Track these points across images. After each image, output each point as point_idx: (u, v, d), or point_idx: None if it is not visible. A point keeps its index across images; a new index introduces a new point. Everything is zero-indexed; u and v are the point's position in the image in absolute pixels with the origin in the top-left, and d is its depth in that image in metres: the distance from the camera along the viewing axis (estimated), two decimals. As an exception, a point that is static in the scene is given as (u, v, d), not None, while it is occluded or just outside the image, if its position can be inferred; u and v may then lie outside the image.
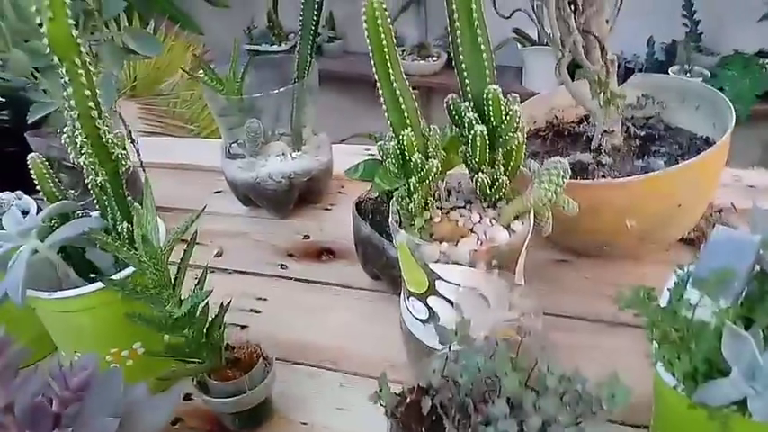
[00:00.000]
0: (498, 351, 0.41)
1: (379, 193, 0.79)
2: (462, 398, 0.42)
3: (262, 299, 0.81)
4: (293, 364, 0.70)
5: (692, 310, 0.42)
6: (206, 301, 0.57)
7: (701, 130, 0.79)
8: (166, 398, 0.47)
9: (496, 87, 0.54)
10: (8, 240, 0.58)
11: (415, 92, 0.55)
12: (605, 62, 0.75)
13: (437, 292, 0.57)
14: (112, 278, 0.57)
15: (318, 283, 0.84)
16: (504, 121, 0.54)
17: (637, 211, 0.70)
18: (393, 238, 0.59)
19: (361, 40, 0.50)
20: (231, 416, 0.62)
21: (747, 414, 0.39)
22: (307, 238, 0.93)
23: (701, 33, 2.31)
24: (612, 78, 0.77)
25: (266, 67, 1.00)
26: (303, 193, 0.96)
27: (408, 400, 0.44)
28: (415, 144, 0.53)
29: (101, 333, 0.61)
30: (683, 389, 0.42)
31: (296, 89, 0.91)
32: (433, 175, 0.54)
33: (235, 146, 0.97)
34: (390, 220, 0.58)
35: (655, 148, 0.79)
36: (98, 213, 0.63)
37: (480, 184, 0.56)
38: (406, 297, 0.61)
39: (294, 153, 0.94)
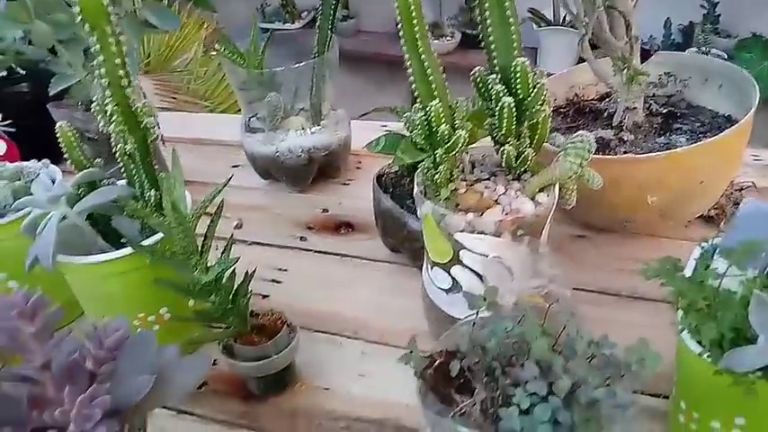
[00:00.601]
0: (527, 316, 0.42)
1: (399, 166, 0.80)
2: (490, 362, 0.43)
3: (282, 269, 0.82)
4: (314, 332, 0.72)
5: (719, 280, 0.43)
6: (233, 268, 0.58)
7: (723, 108, 0.79)
8: (198, 360, 0.48)
9: (524, 59, 0.54)
10: (38, 206, 0.59)
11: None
12: (630, 39, 0.75)
13: (461, 261, 0.57)
14: (143, 244, 0.58)
15: (338, 255, 0.84)
16: (531, 94, 0.54)
17: (659, 187, 0.70)
18: (417, 209, 0.60)
19: (374, 19, 0.50)
20: (256, 380, 0.63)
21: (772, 380, 0.40)
22: (325, 211, 0.94)
23: (718, 15, 2.29)
24: (636, 55, 0.77)
25: (284, 43, 1.00)
26: (322, 168, 0.97)
27: (437, 362, 0.45)
28: (442, 115, 0.54)
29: (129, 298, 0.62)
30: (708, 356, 0.42)
31: (316, 64, 0.91)
32: (460, 146, 0.54)
33: (254, 120, 0.97)
34: (415, 191, 0.59)
35: (677, 126, 0.79)
36: (124, 182, 0.64)
37: (506, 156, 0.56)
38: (429, 267, 0.62)
39: (313, 128, 0.95)
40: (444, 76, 0.56)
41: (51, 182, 0.62)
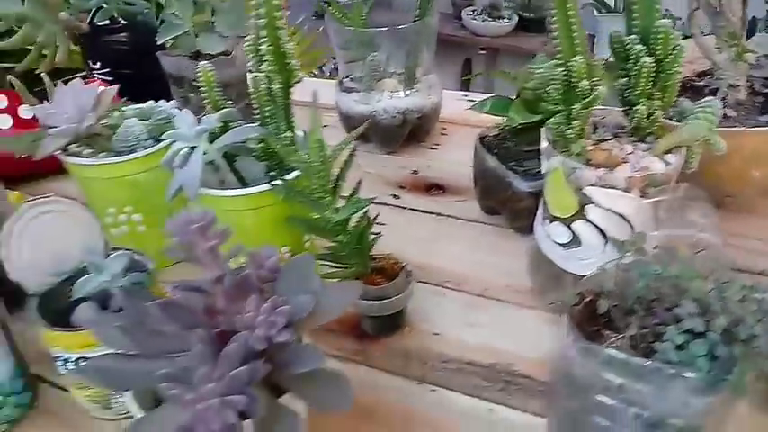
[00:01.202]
0: (681, 258, 0.44)
1: (500, 129, 0.82)
2: (638, 301, 0.45)
3: (380, 223, 0.85)
4: (418, 282, 0.74)
5: None
6: (365, 209, 0.61)
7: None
8: (349, 286, 0.51)
9: (667, 21, 0.55)
10: (184, 140, 0.62)
11: (483, 53, 0.57)
12: (744, 15, 0.76)
13: (584, 216, 0.60)
14: (285, 178, 0.61)
15: (432, 213, 0.87)
16: (670, 56, 0.56)
17: (764, 162, 0.71)
18: (543, 163, 0.62)
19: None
20: (371, 320, 0.66)
21: None
22: (415, 173, 0.96)
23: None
24: (744, 32, 0.78)
25: (381, 6, 1.02)
26: (412, 131, 0.99)
27: (586, 300, 0.47)
28: (584, 71, 0.56)
29: (258, 234, 0.65)
30: None
31: (417, 28, 0.94)
32: (598, 102, 0.56)
33: (347, 80, 1.00)
34: (543, 146, 0.61)
35: (778, 105, 0.80)
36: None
37: (639, 116, 0.58)
38: (546, 222, 0.64)
39: (406, 91, 0.97)
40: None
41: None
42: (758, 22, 2.35)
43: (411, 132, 0.99)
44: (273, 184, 0.62)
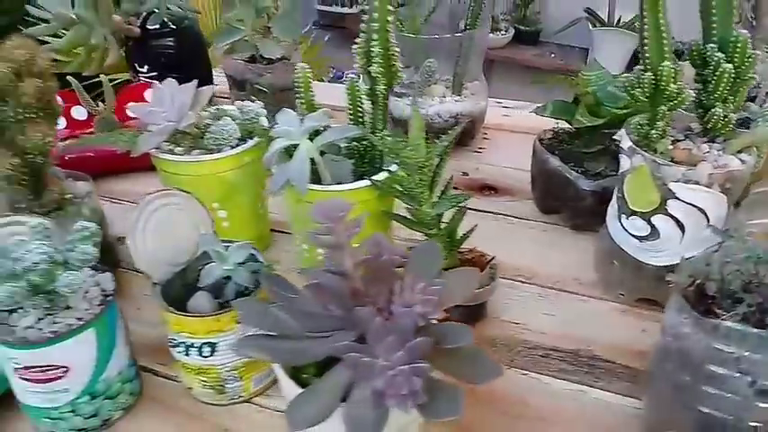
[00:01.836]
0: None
1: (555, 132, 0.87)
2: (743, 283, 0.50)
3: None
4: (491, 276, 0.78)
5: None
6: (460, 204, 0.65)
7: None
8: (468, 273, 0.55)
9: (745, 32, 0.61)
10: (290, 137, 0.65)
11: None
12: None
13: (665, 210, 0.64)
14: (391, 171, 0.65)
15: (490, 213, 0.91)
16: (746, 63, 0.62)
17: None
18: (624, 161, 0.67)
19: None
20: (459, 309, 0.70)
21: None
22: (465, 174, 1.00)
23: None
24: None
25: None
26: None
27: (696, 282, 0.52)
28: (672, 75, 0.61)
29: (354, 227, 0.68)
30: None
31: (470, 36, 0.98)
32: (685, 104, 0.61)
33: (397, 86, 1.04)
34: (626, 144, 0.66)
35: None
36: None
37: (716, 118, 0.63)
38: (623, 217, 0.69)
39: (455, 96, 1.02)
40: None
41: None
42: None
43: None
44: (374, 180, 0.65)
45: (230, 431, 0.61)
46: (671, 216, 0.65)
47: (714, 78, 0.62)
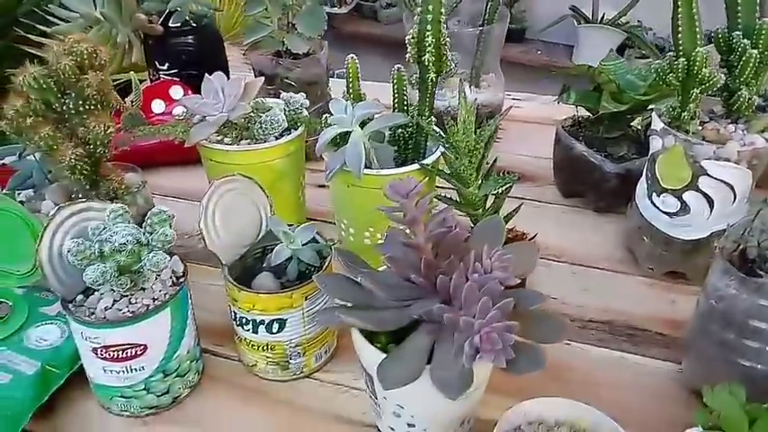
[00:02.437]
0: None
1: (573, 120, 0.92)
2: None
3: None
4: (524, 256, 0.82)
5: None
6: (507, 185, 0.69)
7: None
8: (527, 247, 0.59)
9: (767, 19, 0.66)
10: (343, 124, 0.68)
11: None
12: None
13: (696, 186, 0.69)
14: (445, 152, 0.68)
15: (515, 198, 0.95)
16: (768, 49, 0.67)
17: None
18: (656, 142, 0.71)
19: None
20: (502, 286, 0.74)
21: None
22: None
23: None
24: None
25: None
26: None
27: (738, 247, 0.56)
28: (705, 61, 0.65)
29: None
30: None
31: (488, 31, 1.02)
32: (716, 87, 0.66)
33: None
34: (659, 126, 0.70)
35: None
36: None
37: (742, 100, 0.68)
38: (654, 195, 0.73)
39: (473, 88, 1.05)
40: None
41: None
42: None
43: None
44: (423, 164, 0.69)
45: (294, 404, 0.64)
46: (701, 192, 0.69)
47: (740, 63, 0.67)
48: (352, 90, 0.72)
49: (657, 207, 0.73)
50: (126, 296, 0.58)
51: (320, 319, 0.59)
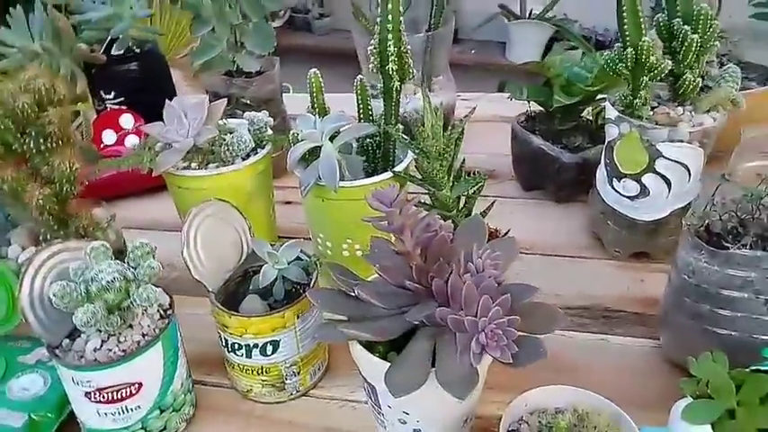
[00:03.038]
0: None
1: (527, 115, 0.95)
2: (744, 217, 0.59)
3: (438, 209, 0.95)
4: (497, 251, 0.85)
5: None
6: (479, 185, 0.71)
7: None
8: (509, 243, 0.61)
9: (706, 6, 0.70)
10: (313, 139, 0.69)
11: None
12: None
13: (654, 169, 0.73)
14: (399, 168, 0.69)
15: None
16: (708, 33, 0.71)
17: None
18: (611, 130, 0.75)
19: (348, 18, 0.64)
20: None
21: None
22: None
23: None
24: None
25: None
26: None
27: (704, 223, 0.59)
28: (651, 49, 0.69)
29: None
30: None
31: (436, 35, 1.04)
32: (664, 73, 0.69)
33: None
34: (613, 115, 0.74)
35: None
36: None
37: (687, 83, 0.72)
38: (615, 180, 0.77)
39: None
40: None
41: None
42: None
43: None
44: (395, 171, 0.70)
45: (294, 423, 0.64)
46: (659, 174, 0.73)
47: (683, 49, 0.71)
48: (317, 104, 0.73)
49: (618, 192, 0.77)
50: (114, 335, 0.57)
51: (320, 336, 0.59)
